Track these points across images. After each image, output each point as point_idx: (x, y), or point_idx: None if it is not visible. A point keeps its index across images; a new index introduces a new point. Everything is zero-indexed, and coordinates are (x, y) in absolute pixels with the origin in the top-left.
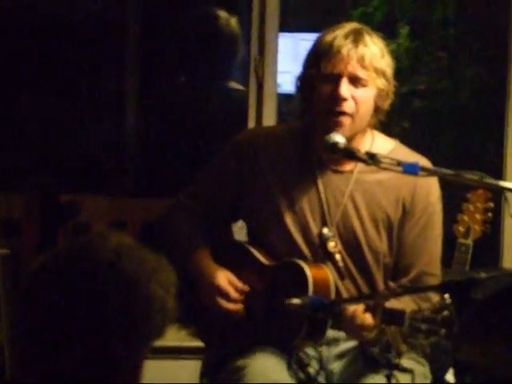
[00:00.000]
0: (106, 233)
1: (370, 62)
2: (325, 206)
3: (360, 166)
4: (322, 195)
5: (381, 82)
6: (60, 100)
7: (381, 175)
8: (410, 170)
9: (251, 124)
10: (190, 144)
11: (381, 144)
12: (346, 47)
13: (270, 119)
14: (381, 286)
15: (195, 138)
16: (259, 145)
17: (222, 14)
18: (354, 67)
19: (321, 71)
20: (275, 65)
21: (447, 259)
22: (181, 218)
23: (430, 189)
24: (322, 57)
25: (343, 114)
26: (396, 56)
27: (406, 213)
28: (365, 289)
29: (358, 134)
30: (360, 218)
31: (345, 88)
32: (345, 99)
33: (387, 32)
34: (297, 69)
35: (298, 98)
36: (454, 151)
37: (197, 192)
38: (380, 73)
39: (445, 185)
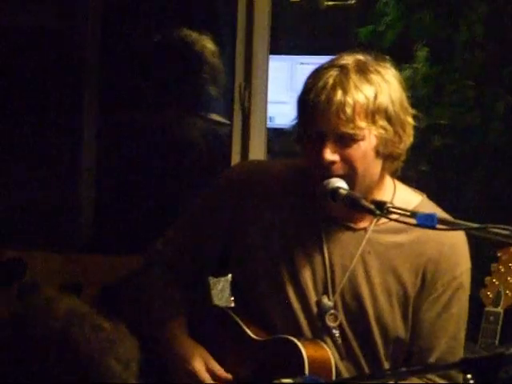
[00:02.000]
0: (54, 297)
1: (354, 110)
2: (328, 270)
3: (376, 223)
4: (327, 255)
5: (381, 128)
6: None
7: (400, 237)
8: (426, 222)
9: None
10: (160, 189)
11: (403, 198)
12: (323, 98)
13: (257, 158)
14: (386, 367)
15: (166, 182)
16: (256, 184)
17: (194, 35)
18: (335, 122)
19: (304, 129)
20: (265, 94)
21: (473, 331)
22: (154, 273)
23: (458, 258)
24: (303, 111)
25: (336, 177)
26: (412, 84)
27: (426, 286)
28: (367, 370)
29: (373, 187)
30: (370, 287)
31: (329, 150)
32: (332, 163)
33: (401, 55)
34: (294, 99)
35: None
36: (482, 199)
37: (176, 239)
38: (378, 117)
39: (470, 242)
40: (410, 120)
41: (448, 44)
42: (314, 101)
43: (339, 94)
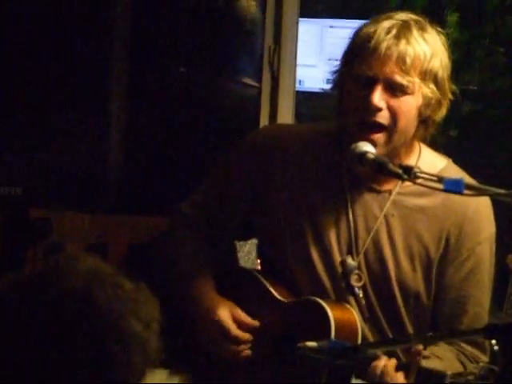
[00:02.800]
0: (76, 256)
1: (413, 63)
2: (352, 230)
3: (401, 186)
4: (351, 216)
5: (429, 89)
6: (31, 100)
7: (424, 200)
8: (453, 187)
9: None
10: (188, 150)
11: (429, 162)
12: (385, 44)
13: (285, 122)
14: (410, 332)
15: (195, 144)
16: (282, 147)
17: None
18: (391, 70)
19: (354, 71)
20: (293, 57)
21: (498, 297)
22: (181, 234)
23: (482, 223)
24: (357, 54)
25: (376, 127)
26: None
27: (449, 251)
28: (389, 335)
29: (401, 148)
30: (393, 249)
31: (378, 96)
32: (378, 109)
33: (432, 20)
34: (323, 62)
35: (332, 96)
36: (510, 164)
37: (202, 202)
38: (429, 77)
39: (497, 207)
40: (450, 92)
41: (479, 9)
42: (375, 44)
43: (403, 43)
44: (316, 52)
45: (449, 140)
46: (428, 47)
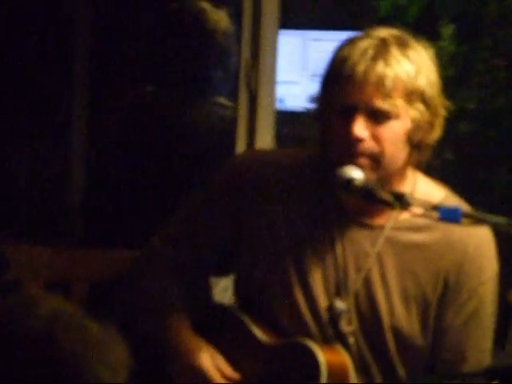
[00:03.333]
0: (38, 295)
1: (394, 85)
2: (341, 270)
3: (395, 220)
4: (339, 254)
5: (417, 111)
6: None
7: (421, 236)
8: (450, 216)
9: (240, 150)
10: (158, 177)
11: (425, 192)
12: (361, 68)
13: (265, 145)
14: (401, 377)
15: (165, 170)
16: (263, 175)
17: (207, 5)
18: (370, 96)
19: (331, 100)
20: (273, 73)
21: (500, 336)
22: (152, 270)
23: (484, 261)
24: (332, 81)
25: (361, 155)
26: (437, 63)
27: (448, 292)
28: (379, 380)
29: (393, 177)
30: (386, 290)
31: (359, 125)
32: (360, 140)
33: (425, 32)
34: (306, 79)
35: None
36: (509, 190)
37: (175, 235)
38: (415, 98)
39: (498, 237)
40: (443, 109)
41: (477, 20)
42: (350, 70)
43: (380, 66)
44: (298, 67)
45: (445, 164)
46: (411, 65)
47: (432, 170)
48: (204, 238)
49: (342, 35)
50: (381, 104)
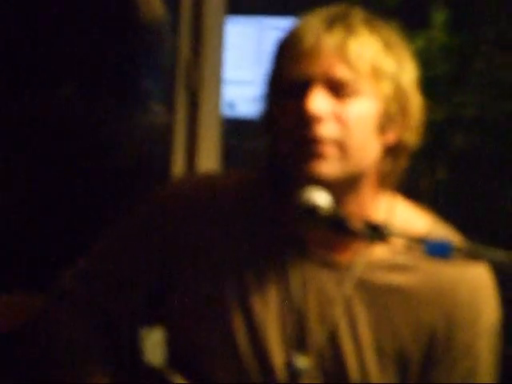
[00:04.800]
0: None
1: (358, 55)
2: (300, 319)
3: (365, 255)
4: (298, 300)
5: (385, 93)
6: None
7: (400, 277)
8: (438, 251)
9: (178, 169)
10: (74, 202)
11: (406, 220)
12: (315, 34)
13: (209, 161)
14: None
15: (83, 193)
16: (200, 208)
17: None
18: (328, 63)
19: (283, 79)
20: (219, 71)
21: None
22: (65, 317)
23: (481, 308)
24: (285, 57)
25: (322, 141)
26: (426, 58)
27: (436, 347)
28: None
29: (362, 194)
30: (357, 344)
31: (317, 100)
32: (318, 118)
33: (412, 19)
34: (261, 77)
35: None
36: None
37: (93, 273)
38: (385, 78)
39: (499, 275)
40: (421, 108)
41: (476, 4)
42: (301, 38)
43: (340, 30)
44: (252, 63)
45: (435, 184)
46: (379, 39)
47: (420, 192)
48: (126, 275)
49: None
50: (342, 72)
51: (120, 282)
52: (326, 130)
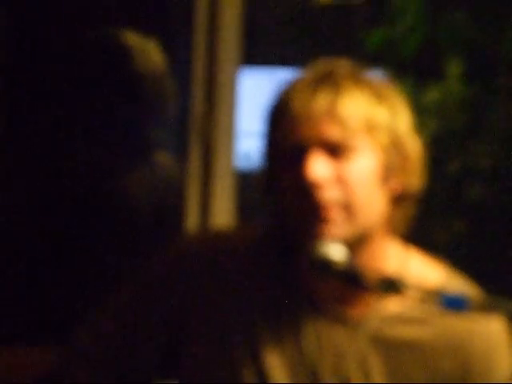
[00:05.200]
0: None
1: (349, 112)
2: (313, 377)
3: (378, 309)
4: (311, 356)
5: (382, 146)
6: None
7: (415, 331)
8: (454, 304)
9: (192, 222)
10: (83, 261)
11: (420, 273)
12: (303, 97)
13: (223, 214)
14: None
15: (92, 250)
16: (212, 265)
17: (133, 38)
18: (320, 127)
19: (278, 146)
20: (233, 122)
21: None
22: (78, 376)
23: (496, 360)
24: (276, 123)
25: (326, 207)
26: (441, 110)
27: None
28: None
29: (374, 244)
30: None
31: (315, 165)
32: (319, 183)
33: (427, 70)
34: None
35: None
36: None
37: (107, 330)
38: (378, 128)
39: None
40: (420, 151)
41: (491, 55)
42: (289, 102)
43: (327, 91)
44: None
45: (452, 236)
46: (369, 92)
47: (437, 245)
48: (139, 335)
49: None
50: (333, 133)
51: (133, 337)
52: (329, 194)
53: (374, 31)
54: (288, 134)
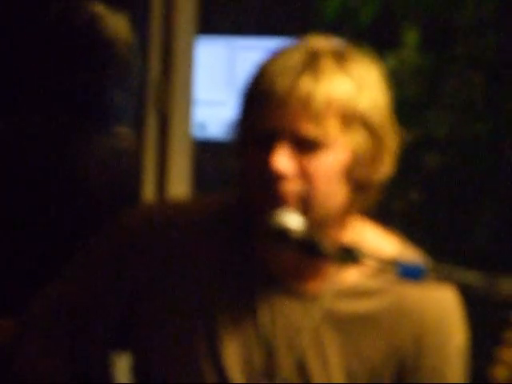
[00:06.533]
0: None
1: (326, 106)
2: (267, 350)
3: (333, 283)
4: (265, 330)
5: (356, 140)
6: None
7: (368, 304)
8: (410, 273)
9: (148, 192)
10: (37, 230)
11: (376, 244)
12: (283, 83)
13: (180, 184)
14: None
15: (47, 222)
16: (167, 234)
17: (102, 9)
18: (294, 119)
19: (249, 125)
20: (189, 90)
21: None
22: (32, 346)
23: (449, 330)
24: (249, 100)
25: (285, 199)
26: (397, 79)
27: (404, 372)
28: None
29: (331, 225)
30: (326, 372)
31: (281, 159)
32: (283, 176)
33: (383, 40)
34: (234, 98)
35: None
36: (493, 240)
37: (61, 299)
38: (354, 123)
39: (472, 300)
40: (394, 140)
41: (447, 24)
42: (269, 87)
43: (308, 81)
44: (224, 84)
45: (408, 205)
46: (349, 82)
47: (392, 214)
48: (92, 302)
49: (280, 43)
50: (307, 129)
51: (87, 307)
52: (290, 187)
53: (332, 0)
54: (263, 118)
